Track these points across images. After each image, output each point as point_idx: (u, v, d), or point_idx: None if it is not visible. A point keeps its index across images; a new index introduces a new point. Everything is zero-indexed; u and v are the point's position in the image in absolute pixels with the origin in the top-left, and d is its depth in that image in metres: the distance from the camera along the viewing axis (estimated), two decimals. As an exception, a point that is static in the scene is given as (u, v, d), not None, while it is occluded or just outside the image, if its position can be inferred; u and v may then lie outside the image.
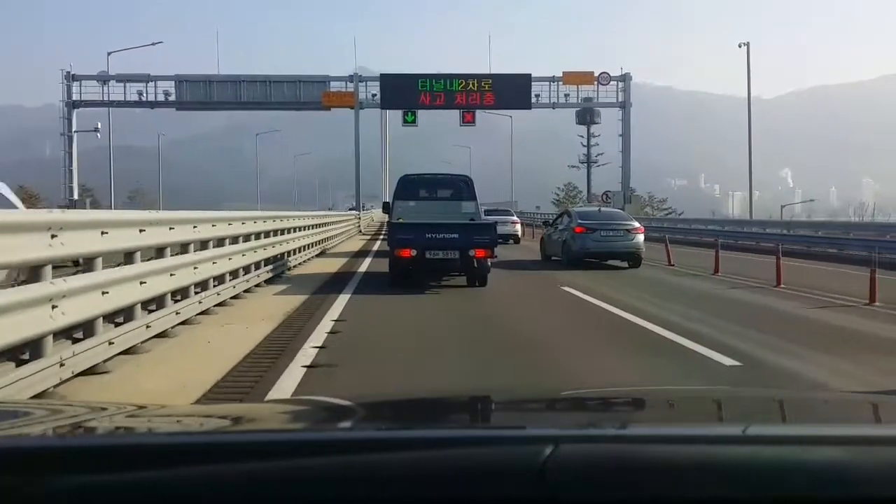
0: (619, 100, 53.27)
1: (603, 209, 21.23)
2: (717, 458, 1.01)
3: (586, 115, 61.37)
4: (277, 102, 51.17)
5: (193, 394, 5.43)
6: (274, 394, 5.40)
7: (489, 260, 13.00)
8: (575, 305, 11.30)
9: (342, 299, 11.22)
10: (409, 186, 15.29)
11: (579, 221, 18.23)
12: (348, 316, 9.56)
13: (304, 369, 6.32)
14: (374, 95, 51.13)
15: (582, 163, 64.40)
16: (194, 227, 9.20)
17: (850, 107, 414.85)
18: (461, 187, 15.23)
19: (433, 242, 12.72)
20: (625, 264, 17.92)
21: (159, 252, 8.12)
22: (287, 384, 5.76)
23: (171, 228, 8.23)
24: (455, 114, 51.36)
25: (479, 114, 51.58)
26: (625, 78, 53.20)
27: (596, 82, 52.12)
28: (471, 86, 50.61)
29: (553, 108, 52.78)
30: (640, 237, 18.07)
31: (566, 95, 52.20)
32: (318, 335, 8.06)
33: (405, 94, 49.82)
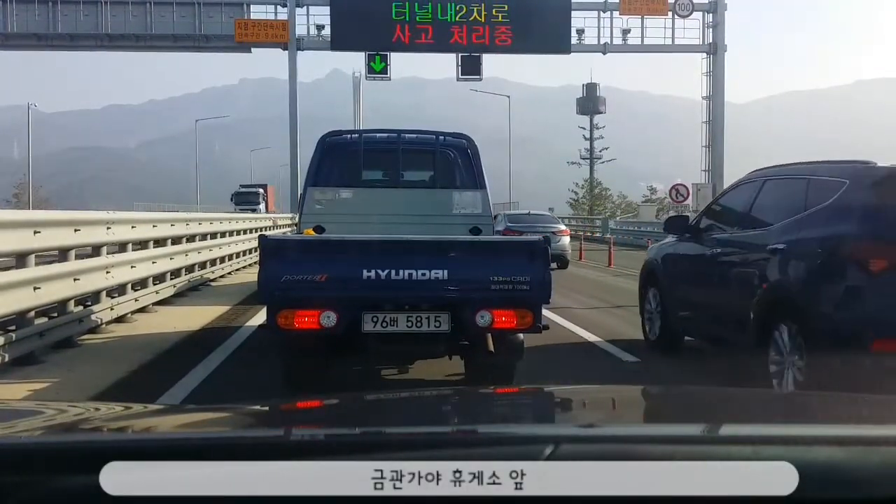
0: (708, 40, 35.30)
1: (533, 212, 21.12)
2: (718, 458, 1.01)
3: (588, 104, 56.42)
4: (164, 37, 33.88)
5: None
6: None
7: (522, 334, 5.48)
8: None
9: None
10: (341, 159, 7.74)
11: (509, 225, 18.14)
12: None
13: None
14: (320, 29, 35.42)
15: (584, 158, 58.08)
16: None
17: (826, 111, 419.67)
18: (452, 161, 7.73)
19: (383, 292, 5.21)
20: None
21: None
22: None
23: None
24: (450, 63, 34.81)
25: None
26: (715, 6, 34.71)
27: (671, 13, 34.37)
28: (475, 15, 34.01)
29: (604, 54, 35.48)
30: (566, 239, 18.35)
31: (625, 32, 34.94)
32: None
33: (370, 26, 33.35)
